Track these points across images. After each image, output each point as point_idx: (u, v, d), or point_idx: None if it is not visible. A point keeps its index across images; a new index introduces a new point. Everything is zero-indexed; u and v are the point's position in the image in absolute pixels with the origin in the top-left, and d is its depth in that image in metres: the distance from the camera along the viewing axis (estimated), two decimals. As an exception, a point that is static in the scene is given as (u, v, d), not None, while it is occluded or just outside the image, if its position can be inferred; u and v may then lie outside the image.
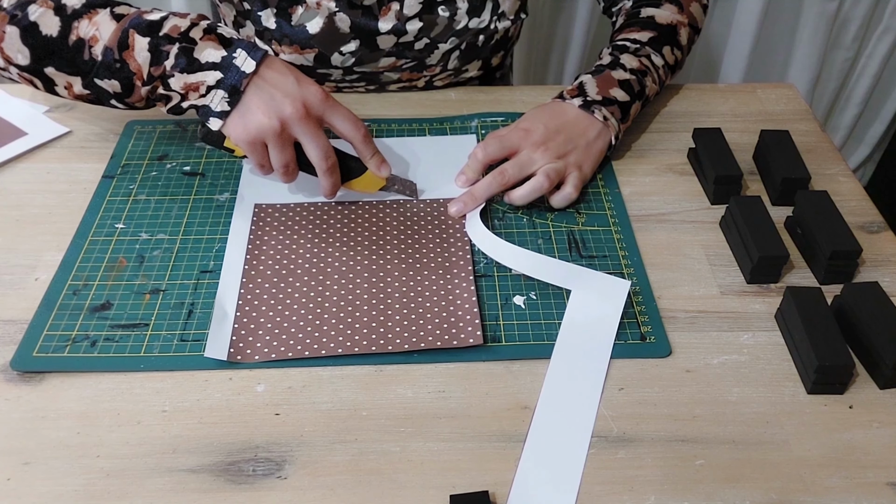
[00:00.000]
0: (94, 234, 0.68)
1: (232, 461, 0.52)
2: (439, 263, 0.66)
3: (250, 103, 0.63)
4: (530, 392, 0.57)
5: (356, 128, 0.67)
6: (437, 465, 0.52)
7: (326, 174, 0.67)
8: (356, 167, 0.70)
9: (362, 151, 0.69)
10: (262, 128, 0.63)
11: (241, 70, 0.63)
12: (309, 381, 0.57)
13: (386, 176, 0.70)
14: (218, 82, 0.63)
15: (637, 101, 0.77)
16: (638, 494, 0.51)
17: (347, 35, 0.79)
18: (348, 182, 0.70)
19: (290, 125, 0.64)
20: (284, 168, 0.66)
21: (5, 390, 0.56)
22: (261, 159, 0.66)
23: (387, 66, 0.83)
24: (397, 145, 0.79)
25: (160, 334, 0.60)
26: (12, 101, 0.82)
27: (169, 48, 0.63)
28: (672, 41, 0.82)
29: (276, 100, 0.63)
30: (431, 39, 0.81)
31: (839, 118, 1.71)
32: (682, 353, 0.60)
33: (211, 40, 0.64)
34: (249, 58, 0.64)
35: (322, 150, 0.65)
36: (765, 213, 0.67)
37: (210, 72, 0.63)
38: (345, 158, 0.69)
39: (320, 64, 0.82)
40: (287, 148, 0.65)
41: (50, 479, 0.51)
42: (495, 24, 0.83)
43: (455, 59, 0.84)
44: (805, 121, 0.85)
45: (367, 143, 0.68)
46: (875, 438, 0.54)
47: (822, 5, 1.47)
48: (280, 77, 0.64)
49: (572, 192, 0.71)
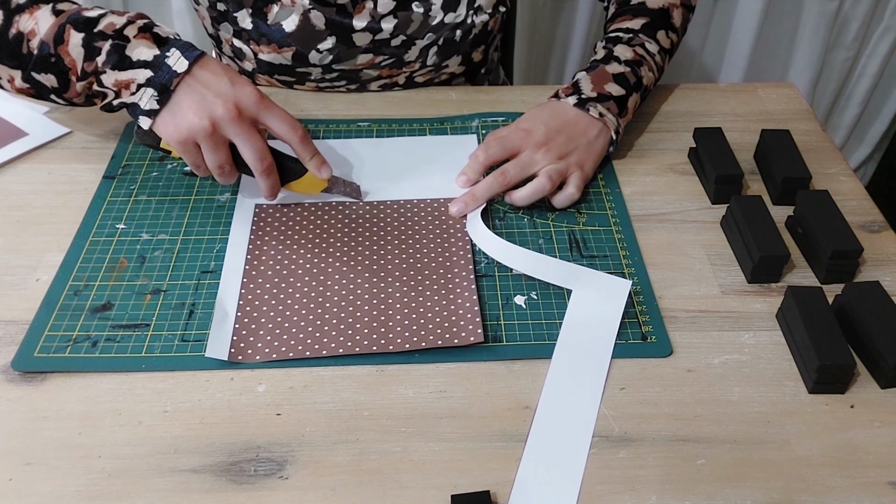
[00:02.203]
0: (94, 234, 0.68)
1: (233, 461, 0.52)
2: (440, 263, 0.66)
3: (181, 103, 0.63)
4: (531, 392, 0.57)
5: (293, 129, 0.67)
6: (438, 464, 0.52)
7: (262, 176, 0.66)
8: (297, 169, 0.69)
9: (301, 153, 0.68)
10: (192, 127, 0.63)
11: (172, 69, 0.64)
12: (310, 382, 0.57)
13: (326, 178, 0.69)
14: (148, 80, 0.64)
15: (635, 92, 0.77)
16: (639, 494, 0.51)
17: (323, 32, 0.79)
18: (289, 184, 0.69)
19: (222, 126, 0.63)
20: (220, 169, 0.66)
21: (7, 390, 0.56)
22: (194, 160, 0.66)
23: (365, 63, 0.83)
24: (397, 145, 0.79)
25: (161, 334, 0.60)
26: (13, 102, 0.82)
27: (102, 44, 0.64)
28: (666, 25, 0.82)
29: (207, 100, 0.63)
30: (408, 36, 0.81)
31: (840, 118, 1.71)
32: (683, 353, 0.60)
33: (145, 39, 0.65)
34: (183, 57, 0.64)
35: (256, 151, 0.65)
36: (766, 213, 0.67)
37: (141, 70, 0.64)
38: (285, 160, 0.68)
39: (299, 62, 0.82)
40: (220, 149, 0.65)
41: (51, 480, 0.51)
42: (472, 19, 0.82)
43: (433, 54, 0.84)
44: (806, 120, 0.85)
45: (306, 145, 0.68)
46: (876, 438, 0.54)
47: (823, 5, 1.47)
48: (213, 78, 0.64)
49: (574, 192, 0.71)
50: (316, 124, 0.81)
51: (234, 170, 0.67)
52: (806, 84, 1.58)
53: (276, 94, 0.85)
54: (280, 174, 0.68)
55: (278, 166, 0.68)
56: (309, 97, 0.85)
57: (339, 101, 0.85)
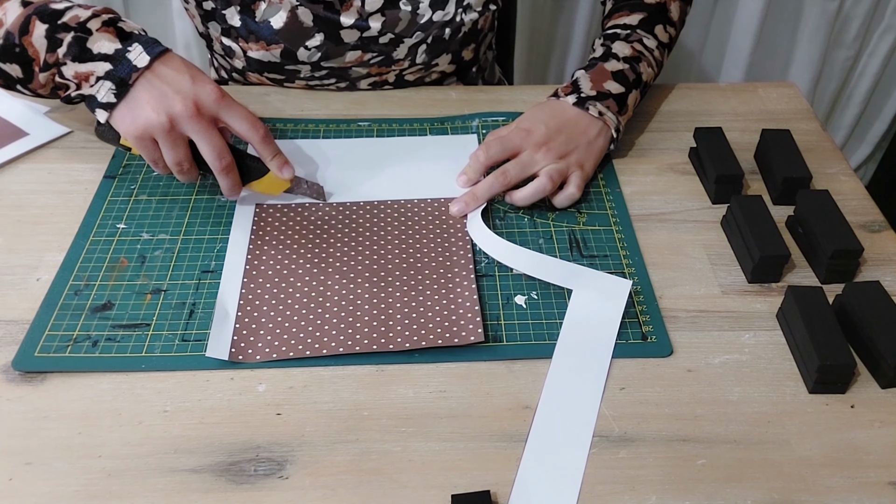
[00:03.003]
0: (95, 234, 0.68)
1: (233, 461, 0.52)
2: (440, 263, 0.66)
3: (140, 98, 0.64)
4: (531, 392, 0.57)
5: (254, 128, 0.66)
6: (438, 464, 0.52)
7: (222, 174, 0.66)
8: (259, 168, 0.69)
9: (262, 152, 0.68)
10: (149, 123, 0.63)
11: (132, 64, 0.64)
12: (310, 381, 0.57)
13: (288, 178, 0.69)
14: (107, 73, 0.64)
15: (634, 89, 0.77)
16: (639, 494, 0.51)
17: (312, 29, 0.79)
18: (250, 183, 0.69)
19: (180, 123, 0.63)
20: (178, 166, 0.66)
21: (7, 390, 0.56)
22: (152, 156, 0.66)
23: (353, 60, 0.82)
24: (397, 145, 0.79)
25: (161, 334, 0.60)
26: (13, 102, 0.82)
27: (64, 36, 0.65)
28: (663, 19, 0.81)
29: (166, 96, 0.63)
30: (396, 34, 0.81)
31: (840, 117, 1.71)
32: (683, 353, 0.60)
33: (108, 32, 0.65)
34: (145, 53, 0.64)
35: (215, 149, 0.65)
36: (766, 213, 0.67)
37: (100, 63, 0.64)
38: (247, 159, 0.68)
39: (287, 60, 0.81)
40: (178, 146, 0.65)
41: (51, 479, 0.51)
42: (461, 17, 0.82)
43: (423, 53, 0.84)
44: (806, 120, 0.84)
45: (267, 144, 0.67)
46: (877, 438, 0.54)
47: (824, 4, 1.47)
48: (175, 74, 0.64)
49: (575, 191, 0.71)
50: (316, 124, 0.81)
51: (193, 168, 0.67)
52: (806, 83, 1.58)
53: (276, 93, 0.86)
54: (242, 173, 0.68)
55: (240, 165, 0.67)
56: (309, 97, 0.85)
57: (339, 101, 0.85)
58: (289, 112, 0.83)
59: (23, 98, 0.82)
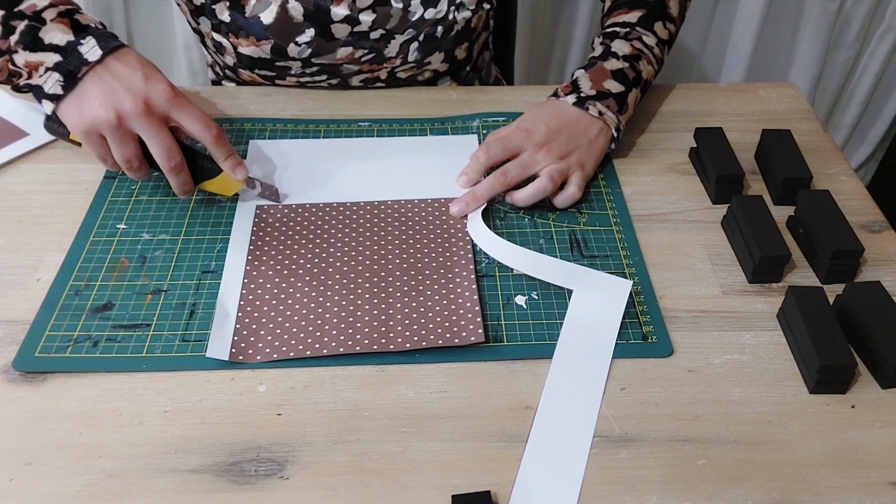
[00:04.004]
0: (95, 234, 0.68)
1: (234, 461, 0.52)
2: (441, 263, 0.66)
3: (89, 93, 0.63)
4: (532, 392, 0.57)
5: (207, 129, 0.66)
6: (438, 465, 0.52)
7: (171, 174, 0.66)
8: (212, 168, 0.68)
9: (215, 153, 0.67)
10: (97, 118, 0.63)
11: (83, 57, 0.64)
12: (311, 382, 0.57)
13: (241, 179, 0.68)
14: (56, 65, 0.64)
15: (634, 88, 0.77)
16: (640, 494, 0.51)
17: (302, 24, 0.79)
18: (203, 183, 0.69)
19: (129, 121, 0.63)
20: (127, 164, 0.66)
21: (7, 391, 0.56)
22: (100, 152, 0.66)
23: (345, 57, 0.82)
24: (398, 145, 0.79)
25: (162, 335, 0.60)
26: (14, 102, 0.82)
27: (18, 24, 0.65)
28: (663, 16, 0.81)
29: (116, 93, 0.63)
30: (387, 31, 0.81)
31: (841, 117, 1.71)
32: (683, 353, 0.60)
33: (62, 23, 0.65)
34: (98, 47, 0.64)
35: (164, 149, 0.64)
36: (766, 213, 0.67)
37: (51, 53, 0.64)
38: (200, 158, 0.68)
39: (278, 56, 0.81)
40: (127, 143, 0.64)
41: (52, 480, 0.51)
42: (454, 15, 0.82)
43: (415, 50, 0.83)
44: (807, 120, 0.84)
45: (220, 145, 0.67)
46: (877, 438, 0.54)
47: (824, 4, 1.47)
48: (127, 71, 0.64)
49: (576, 191, 0.71)
50: (316, 124, 0.81)
51: (144, 165, 0.66)
52: (807, 84, 1.58)
53: (276, 93, 0.86)
54: (195, 172, 0.68)
55: (193, 164, 0.67)
56: (310, 97, 0.85)
57: (339, 101, 0.85)
58: (289, 112, 0.83)
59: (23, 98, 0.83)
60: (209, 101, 0.84)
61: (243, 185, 0.70)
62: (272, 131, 0.80)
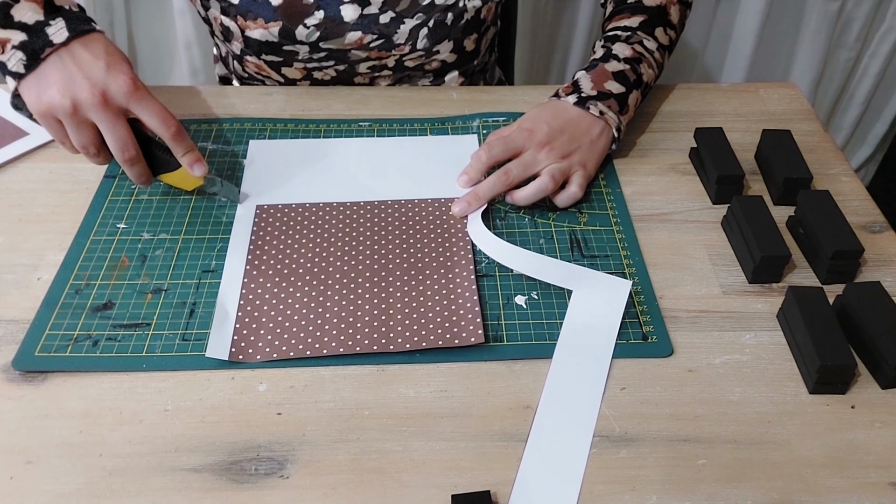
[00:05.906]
0: (95, 233, 0.68)
1: (234, 460, 0.52)
2: (441, 263, 0.66)
3: (49, 75, 0.63)
4: (532, 392, 0.57)
5: (166, 125, 0.65)
6: (438, 464, 0.52)
7: (126, 165, 0.66)
8: (171, 161, 0.68)
9: (174, 149, 0.67)
10: (53, 103, 0.63)
11: (48, 38, 0.63)
12: (311, 381, 0.57)
13: (199, 175, 0.68)
14: (21, 43, 0.63)
15: (635, 89, 0.77)
16: (640, 494, 0.51)
17: (311, 6, 0.78)
18: (161, 175, 0.69)
19: (85, 109, 0.63)
20: (84, 150, 0.66)
21: (8, 390, 0.56)
22: (57, 135, 0.65)
23: (353, 42, 0.82)
24: (398, 145, 0.79)
25: (162, 334, 0.60)
26: (15, 101, 0.82)
27: None
28: (664, 22, 0.82)
29: (75, 80, 0.62)
30: (397, 13, 0.80)
31: (841, 118, 1.71)
32: (683, 353, 0.60)
33: (34, 2, 0.64)
34: (65, 29, 0.64)
35: (118, 141, 0.64)
36: (767, 213, 0.67)
37: (18, 32, 0.64)
38: (161, 150, 0.68)
39: (286, 39, 0.81)
40: (83, 130, 0.64)
41: (52, 479, 0.51)
42: (464, 3, 0.82)
43: (424, 37, 0.83)
44: (807, 120, 0.84)
45: (179, 141, 0.66)
46: (877, 438, 0.54)
47: (825, 5, 1.47)
48: (90, 58, 0.64)
49: (577, 191, 0.71)
50: (317, 124, 0.81)
51: (102, 152, 0.66)
52: (807, 84, 1.58)
53: (277, 92, 0.86)
54: (155, 164, 0.68)
55: (152, 156, 0.67)
56: (311, 96, 0.85)
57: (340, 101, 0.85)
58: (290, 112, 0.83)
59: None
60: (209, 101, 0.84)
61: (202, 182, 0.70)
62: (272, 131, 0.80)
